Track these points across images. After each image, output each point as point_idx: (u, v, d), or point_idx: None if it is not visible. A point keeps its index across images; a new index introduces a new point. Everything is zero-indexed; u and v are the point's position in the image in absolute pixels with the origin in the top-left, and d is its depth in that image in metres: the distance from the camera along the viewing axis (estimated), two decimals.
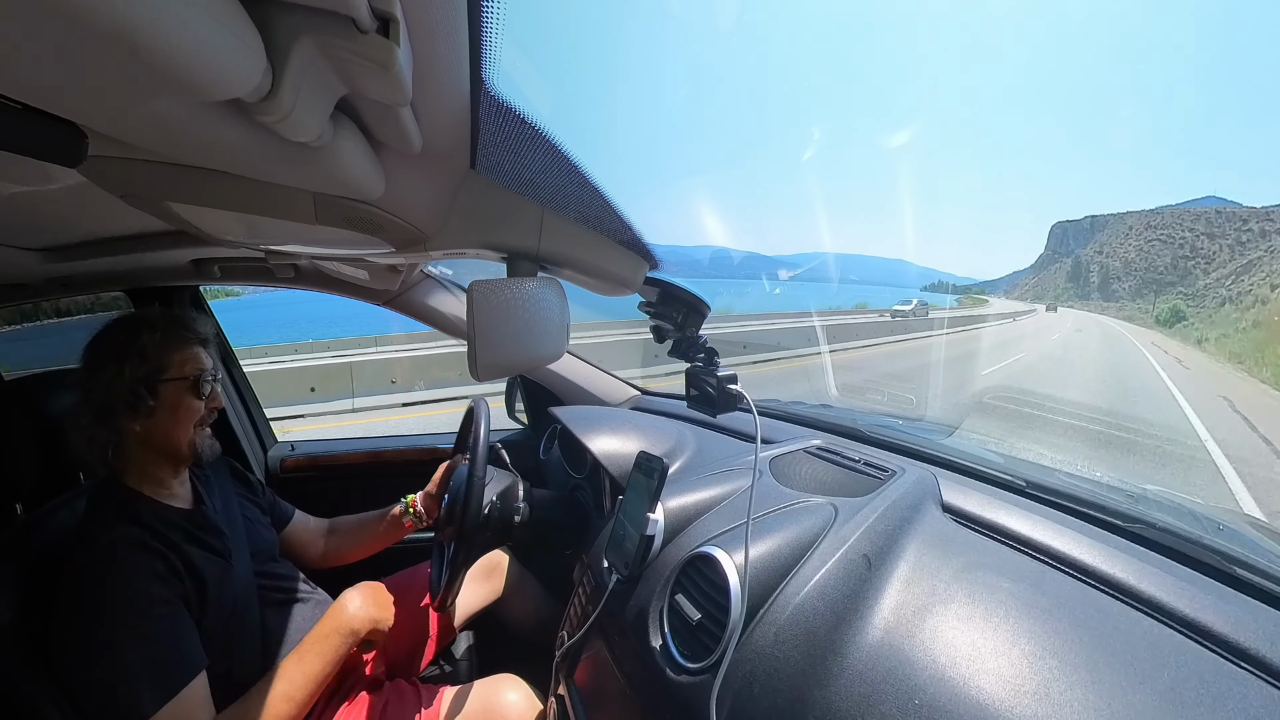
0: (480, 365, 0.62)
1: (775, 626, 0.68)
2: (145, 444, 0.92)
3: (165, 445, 0.93)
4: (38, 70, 0.28)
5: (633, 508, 0.91)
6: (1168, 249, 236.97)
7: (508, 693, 1.13)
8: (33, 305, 1.60)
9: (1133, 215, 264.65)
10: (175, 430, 0.93)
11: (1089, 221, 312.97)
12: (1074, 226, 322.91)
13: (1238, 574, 0.69)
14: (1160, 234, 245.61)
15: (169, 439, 0.93)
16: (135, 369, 0.90)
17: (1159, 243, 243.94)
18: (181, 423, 0.93)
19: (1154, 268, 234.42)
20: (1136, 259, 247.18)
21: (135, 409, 0.89)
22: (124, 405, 0.89)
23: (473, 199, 0.69)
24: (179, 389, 0.93)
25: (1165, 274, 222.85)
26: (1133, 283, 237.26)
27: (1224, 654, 0.57)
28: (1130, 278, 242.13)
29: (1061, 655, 0.57)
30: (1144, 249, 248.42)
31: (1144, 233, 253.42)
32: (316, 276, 1.42)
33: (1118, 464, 5.88)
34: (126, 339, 0.91)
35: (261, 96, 0.34)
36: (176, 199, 0.57)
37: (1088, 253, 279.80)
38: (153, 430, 0.91)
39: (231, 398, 1.72)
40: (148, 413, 0.90)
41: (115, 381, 0.88)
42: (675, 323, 1.02)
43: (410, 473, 1.58)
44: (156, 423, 0.91)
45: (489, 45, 0.39)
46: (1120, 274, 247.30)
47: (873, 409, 3.46)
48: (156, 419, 0.91)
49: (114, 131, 0.38)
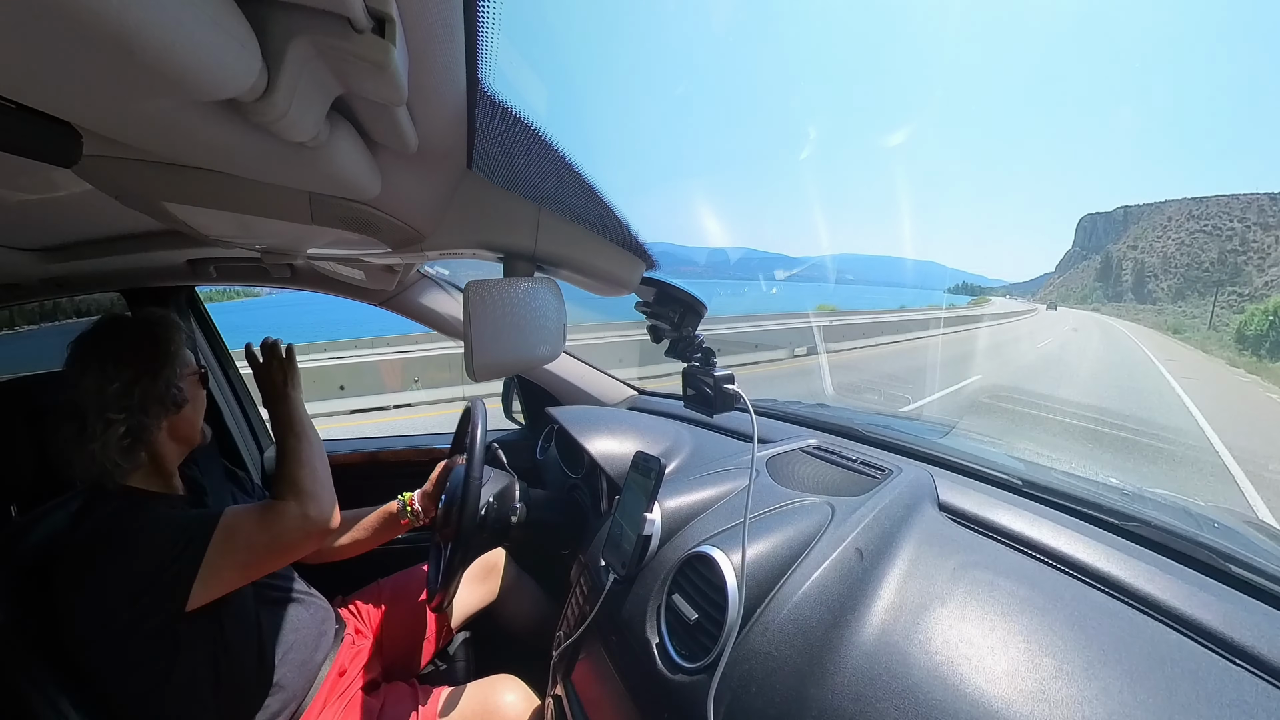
0: (476, 366, 0.62)
1: (773, 626, 0.68)
2: (171, 437, 0.97)
3: (187, 435, 0.99)
4: (32, 70, 0.28)
5: (630, 508, 0.91)
6: (1213, 242, 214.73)
7: (505, 693, 1.13)
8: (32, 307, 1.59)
9: (1171, 205, 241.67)
10: (195, 420, 1.01)
11: (1121, 213, 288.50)
12: (1104, 219, 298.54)
13: (1233, 571, 0.69)
14: (1205, 225, 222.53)
15: (190, 429, 1.00)
16: (170, 369, 0.95)
17: (1203, 235, 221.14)
18: (199, 413, 1.02)
19: (1198, 263, 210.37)
20: (1177, 254, 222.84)
21: (176, 405, 0.95)
22: (164, 404, 0.93)
23: (469, 199, 0.69)
24: (195, 383, 1.01)
25: (1211, 270, 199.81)
26: (1173, 281, 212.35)
27: (1219, 651, 0.58)
28: (1170, 275, 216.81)
29: (1058, 653, 0.57)
30: (1186, 242, 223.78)
31: (1185, 224, 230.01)
32: (313, 277, 1.41)
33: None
34: (160, 341, 0.95)
35: (257, 96, 0.34)
36: (172, 199, 0.57)
37: (1119, 248, 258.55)
38: (178, 424, 0.97)
39: (227, 399, 1.71)
40: (179, 408, 0.96)
41: (155, 382, 0.92)
42: (672, 322, 1.02)
43: (407, 473, 1.58)
44: (182, 416, 0.97)
45: (485, 45, 0.39)
46: (1158, 271, 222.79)
47: (869, 408, 3.47)
48: (184, 412, 0.97)
49: (109, 131, 0.38)
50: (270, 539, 0.88)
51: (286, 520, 0.89)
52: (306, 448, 0.98)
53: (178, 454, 1.00)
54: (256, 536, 0.87)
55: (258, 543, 0.87)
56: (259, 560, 0.88)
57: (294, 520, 0.89)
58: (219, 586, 0.84)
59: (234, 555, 0.85)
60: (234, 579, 0.86)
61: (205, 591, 0.83)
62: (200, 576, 0.81)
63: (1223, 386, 19.19)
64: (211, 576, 0.83)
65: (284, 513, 0.89)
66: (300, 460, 0.95)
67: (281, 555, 0.91)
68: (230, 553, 0.84)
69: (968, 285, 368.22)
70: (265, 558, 0.89)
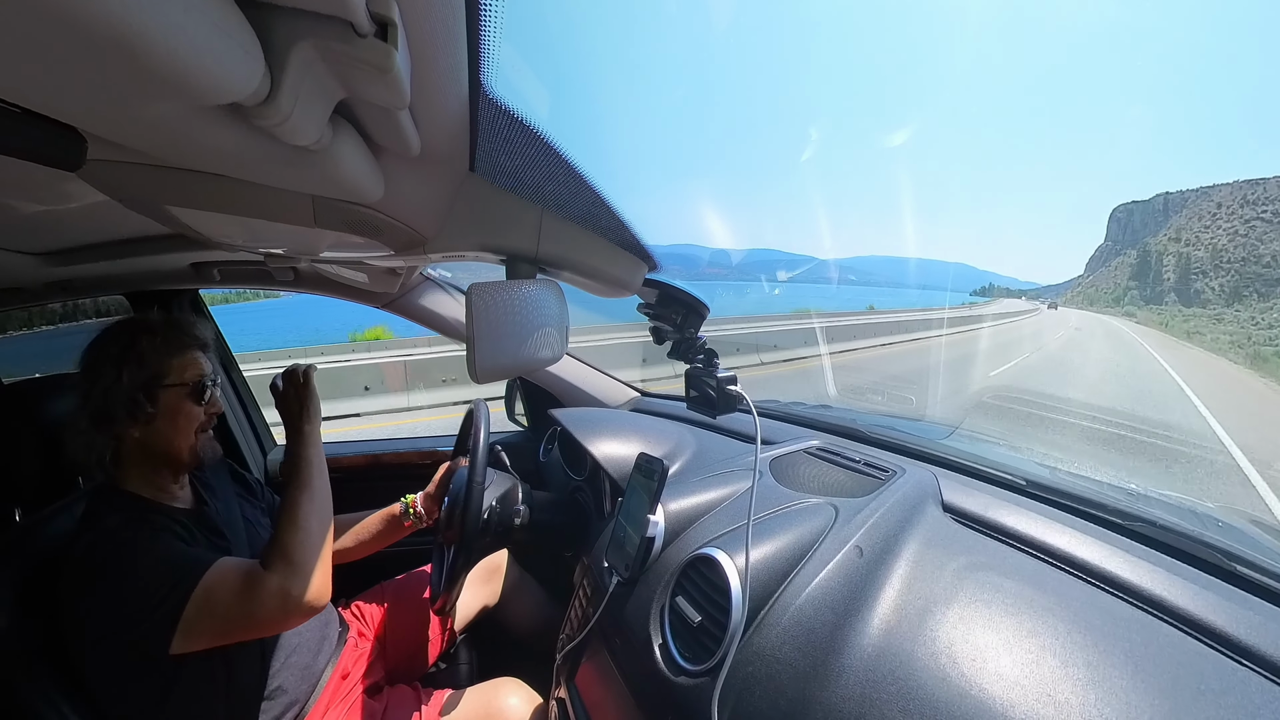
0: (480, 368, 0.62)
1: (777, 628, 0.68)
2: (145, 450, 0.91)
3: (165, 451, 0.92)
4: (37, 75, 0.28)
5: (633, 509, 0.91)
6: (1275, 231, 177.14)
7: (508, 696, 1.13)
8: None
9: (1221, 189, 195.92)
10: (175, 437, 0.92)
11: (1161, 200, 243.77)
12: (1140, 209, 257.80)
13: (1238, 571, 0.69)
14: (1263, 211, 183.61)
15: (169, 445, 0.92)
16: (134, 375, 0.88)
17: (1261, 223, 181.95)
18: (181, 429, 0.92)
19: (1256, 257, 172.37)
20: (1230, 246, 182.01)
21: (134, 415, 0.88)
22: (123, 411, 0.87)
23: (471, 201, 0.69)
24: (179, 395, 0.92)
25: (1275, 265, 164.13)
26: (1226, 279, 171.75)
27: (1225, 651, 0.57)
28: (1223, 272, 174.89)
29: (1063, 654, 0.57)
30: (1240, 232, 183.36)
31: (1239, 211, 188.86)
32: (316, 280, 1.42)
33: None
34: (124, 344, 0.90)
35: (260, 100, 0.34)
36: (176, 203, 0.57)
37: (1159, 241, 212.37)
38: (152, 437, 0.90)
39: (231, 402, 1.72)
40: (147, 419, 0.89)
41: (114, 387, 0.87)
42: (674, 324, 1.02)
43: (410, 475, 1.58)
44: (156, 429, 0.90)
45: (487, 48, 0.40)
46: (1207, 267, 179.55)
47: (872, 409, 3.44)
48: (156, 425, 0.90)
49: (113, 135, 0.38)
50: (245, 611, 0.80)
51: (265, 595, 0.80)
52: (306, 503, 0.90)
53: (164, 468, 0.94)
54: (232, 607, 0.80)
55: (233, 613, 0.80)
56: (233, 630, 0.81)
57: (273, 597, 0.81)
58: (197, 643, 0.79)
59: (210, 619, 0.79)
60: (210, 641, 0.80)
61: (185, 644, 0.78)
62: (179, 629, 0.77)
63: None
64: (188, 632, 0.77)
65: (265, 585, 0.81)
66: (296, 521, 0.87)
67: (257, 629, 0.84)
68: (206, 615, 0.78)
69: (994, 288, 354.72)
70: (239, 629, 0.82)
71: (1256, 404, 15.81)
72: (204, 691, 0.87)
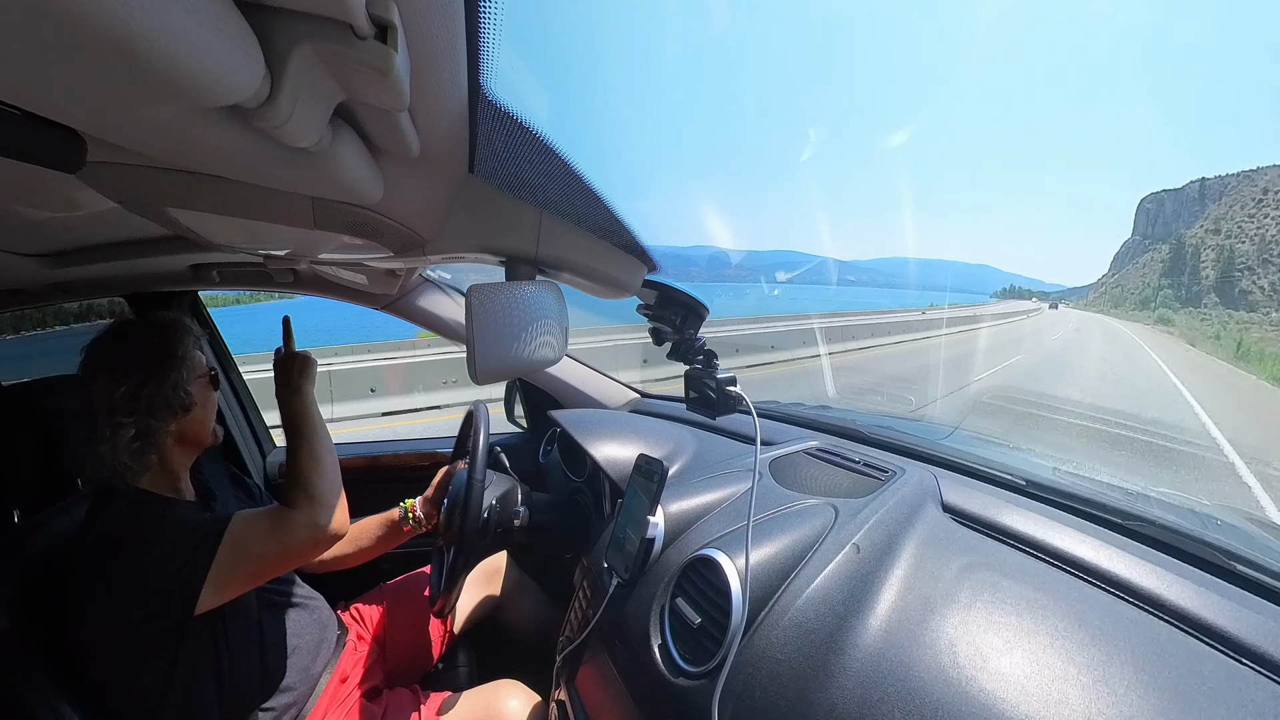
0: (479, 369, 0.62)
1: (777, 629, 0.68)
2: (180, 440, 0.96)
3: (197, 437, 0.99)
4: (36, 76, 0.28)
5: (633, 511, 0.91)
6: None
7: (508, 698, 1.13)
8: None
9: (1268, 171, 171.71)
10: (206, 422, 1.00)
11: (1196, 188, 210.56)
12: (1172, 198, 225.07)
13: (1238, 570, 0.69)
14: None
15: (200, 431, 0.99)
16: (179, 371, 0.95)
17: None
18: (210, 415, 1.01)
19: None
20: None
21: (184, 408, 0.95)
22: (172, 406, 0.93)
23: (471, 203, 0.69)
24: (205, 385, 1.01)
25: None
26: (1278, 276, 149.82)
27: (1226, 650, 0.57)
28: (1273, 267, 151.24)
29: (1064, 654, 0.57)
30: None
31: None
32: (315, 281, 1.42)
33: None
34: (170, 343, 0.95)
35: (260, 102, 0.34)
36: (175, 204, 0.57)
37: (1195, 233, 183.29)
38: (187, 426, 0.96)
39: (231, 404, 1.72)
40: (187, 410, 0.95)
41: (161, 385, 0.92)
42: (674, 325, 1.02)
43: (409, 477, 1.58)
44: (193, 418, 0.97)
45: (487, 50, 0.40)
46: (1253, 261, 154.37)
47: (872, 409, 3.44)
48: (193, 414, 0.97)
49: (113, 137, 0.38)
50: (280, 547, 0.87)
51: (296, 528, 0.88)
52: (319, 445, 0.96)
53: (188, 456, 1.00)
54: (266, 544, 0.86)
55: (267, 550, 0.87)
56: (267, 567, 0.89)
57: (304, 529, 0.88)
58: (227, 592, 0.85)
59: (243, 562, 0.85)
60: (242, 585, 0.87)
61: (214, 596, 0.83)
62: (209, 580, 0.81)
63: None
64: (220, 581, 0.83)
65: (294, 520, 0.88)
66: (315, 459, 0.94)
67: (290, 562, 0.91)
68: (239, 559, 0.84)
69: (1016, 289, 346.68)
70: (273, 565, 0.89)
71: None
72: (204, 690, 0.87)
